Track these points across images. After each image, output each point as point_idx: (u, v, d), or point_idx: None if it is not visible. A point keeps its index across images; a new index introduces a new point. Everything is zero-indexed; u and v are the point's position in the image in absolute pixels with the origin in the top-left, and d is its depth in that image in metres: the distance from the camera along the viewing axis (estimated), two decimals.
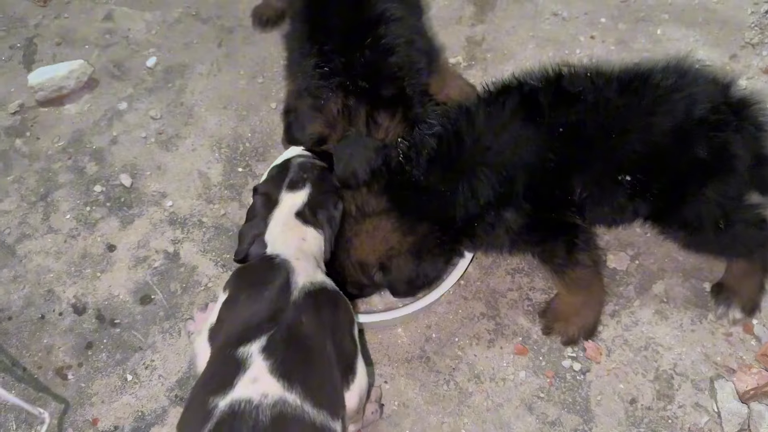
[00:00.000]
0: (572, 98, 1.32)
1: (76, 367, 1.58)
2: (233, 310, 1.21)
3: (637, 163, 1.30)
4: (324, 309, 1.22)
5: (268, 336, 1.12)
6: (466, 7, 2.26)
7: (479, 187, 1.32)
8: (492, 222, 1.35)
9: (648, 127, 1.29)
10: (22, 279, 1.72)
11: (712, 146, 1.28)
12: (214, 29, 2.24)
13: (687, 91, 1.31)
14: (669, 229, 1.45)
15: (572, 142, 1.30)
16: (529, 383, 1.52)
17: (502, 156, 1.32)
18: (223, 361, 1.13)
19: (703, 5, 2.20)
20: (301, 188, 1.41)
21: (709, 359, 1.53)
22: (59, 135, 2.00)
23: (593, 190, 1.32)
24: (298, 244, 1.33)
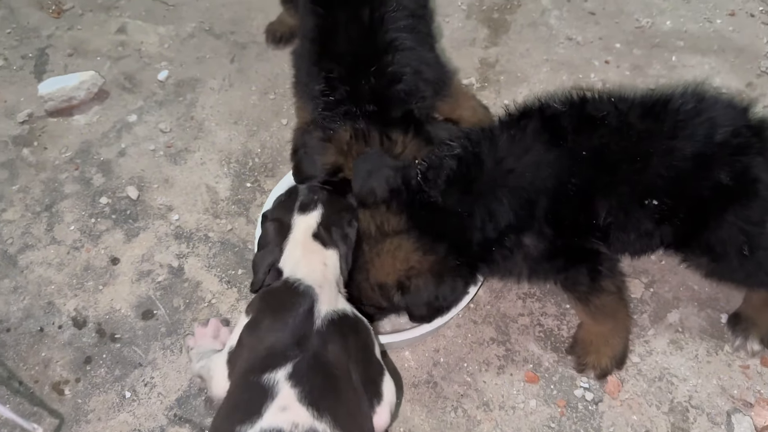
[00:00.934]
0: (595, 122, 1.30)
1: (73, 383, 1.54)
2: (255, 335, 1.19)
3: (662, 188, 1.27)
4: (348, 337, 1.21)
5: (294, 363, 1.11)
6: (480, 29, 2.25)
7: (498, 210, 1.29)
8: (510, 247, 1.31)
9: (670, 152, 1.27)
10: (23, 290, 1.69)
11: (734, 170, 1.26)
12: (227, 44, 2.24)
13: (706, 115, 1.30)
14: (692, 256, 1.41)
15: (596, 166, 1.28)
16: (540, 412, 1.47)
17: (523, 179, 1.29)
18: (248, 388, 1.11)
19: (718, 33, 2.18)
20: (312, 209, 1.39)
21: (726, 392, 1.48)
22: (67, 145, 1.98)
23: (618, 214, 1.29)
24: (322, 270, 1.30)
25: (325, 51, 1.56)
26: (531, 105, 1.37)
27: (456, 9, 2.31)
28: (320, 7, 1.58)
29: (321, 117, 1.52)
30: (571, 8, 2.29)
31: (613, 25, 2.23)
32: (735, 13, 2.24)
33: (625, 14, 2.26)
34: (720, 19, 2.23)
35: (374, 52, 1.52)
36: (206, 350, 1.47)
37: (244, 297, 1.66)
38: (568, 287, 1.42)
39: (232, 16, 2.32)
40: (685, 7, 2.28)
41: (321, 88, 1.53)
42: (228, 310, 1.64)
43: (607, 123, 1.30)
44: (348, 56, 1.52)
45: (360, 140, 1.47)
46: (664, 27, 2.22)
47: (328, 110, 1.52)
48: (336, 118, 1.50)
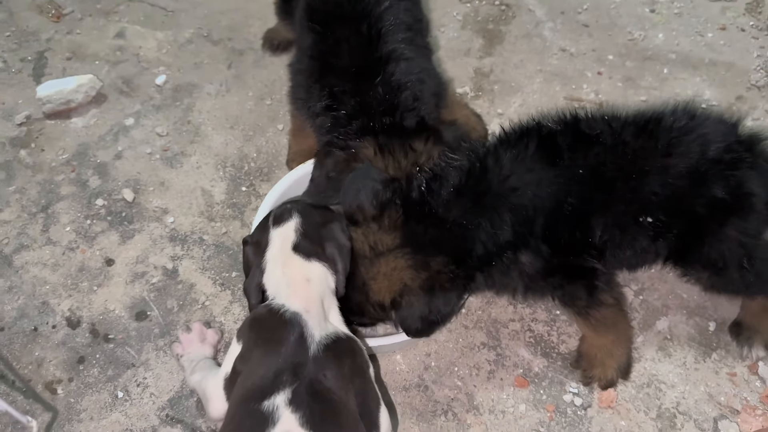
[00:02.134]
0: (590, 141, 1.32)
1: (66, 382, 1.55)
2: (248, 365, 1.18)
3: (657, 205, 1.29)
4: (344, 361, 1.19)
5: (293, 389, 1.11)
6: (476, 39, 2.28)
7: (500, 225, 1.29)
8: (507, 263, 1.32)
9: (665, 169, 1.29)
10: (17, 290, 1.70)
11: (729, 185, 1.28)
12: (225, 51, 2.26)
13: (698, 132, 1.32)
14: (692, 271, 1.43)
15: (592, 185, 1.30)
16: (529, 417, 1.48)
17: (525, 197, 1.30)
18: (247, 416, 1.11)
19: (709, 47, 2.22)
20: (287, 220, 1.33)
21: (713, 399, 1.50)
22: (64, 148, 1.99)
23: (614, 232, 1.31)
24: (305, 289, 1.26)
25: (327, 67, 1.57)
26: (528, 123, 1.38)
27: (451, 19, 2.34)
28: (318, 24, 1.60)
29: (336, 136, 1.52)
30: (565, 20, 2.32)
31: (606, 37, 2.27)
32: (726, 27, 2.28)
33: (618, 27, 2.30)
34: (711, 33, 2.27)
35: (376, 64, 1.53)
36: (197, 357, 1.48)
37: (237, 299, 1.67)
38: (566, 303, 1.43)
39: (229, 23, 2.34)
40: (677, 21, 2.31)
41: (326, 104, 1.53)
42: (221, 312, 1.65)
43: (601, 141, 1.32)
44: (351, 70, 1.54)
45: (386, 154, 1.47)
46: (656, 40, 2.25)
47: (340, 126, 1.52)
48: (351, 134, 1.49)
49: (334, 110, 1.53)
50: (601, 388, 1.52)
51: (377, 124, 1.49)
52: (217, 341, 1.57)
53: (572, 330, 1.61)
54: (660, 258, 1.41)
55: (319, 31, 1.59)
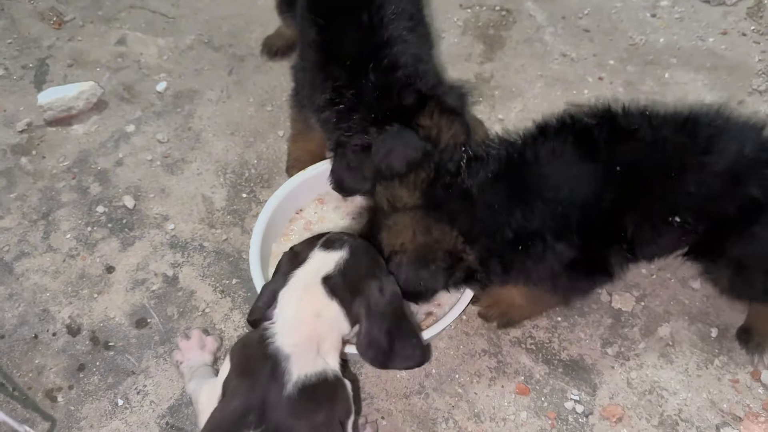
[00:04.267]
0: (629, 136, 1.31)
1: (66, 390, 1.55)
2: (228, 392, 1.12)
3: (690, 204, 1.29)
4: (320, 408, 1.09)
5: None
6: (476, 45, 2.28)
7: (533, 217, 1.28)
8: (542, 253, 1.30)
9: (702, 166, 1.28)
10: (18, 297, 1.70)
11: (764, 184, 1.27)
12: (226, 57, 2.26)
13: (734, 132, 1.32)
14: (714, 268, 1.43)
15: (629, 182, 1.28)
16: (531, 424, 1.48)
17: (560, 193, 1.29)
18: None
19: (711, 51, 2.21)
20: (336, 249, 1.24)
21: (715, 406, 1.49)
22: (65, 155, 2.00)
23: (644, 228, 1.31)
24: (308, 325, 1.16)
25: (329, 59, 1.56)
26: (563, 118, 1.37)
27: (452, 25, 2.34)
28: (320, 17, 1.59)
29: (343, 133, 1.50)
30: (565, 25, 2.32)
31: (607, 42, 2.26)
32: (727, 31, 2.27)
33: (619, 32, 2.29)
34: (713, 37, 2.26)
35: (373, 49, 1.52)
36: (196, 363, 1.48)
37: (237, 306, 1.67)
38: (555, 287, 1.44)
39: (230, 29, 2.35)
40: (679, 25, 2.31)
41: (329, 97, 1.52)
42: (222, 319, 1.65)
43: (640, 136, 1.30)
44: (350, 61, 1.52)
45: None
46: (658, 44, 2.25)
47: (344, 122, 1.50)
48: (355, 128, 1.48)
49: (335, 104, 1.51)
50: (478, 314, 1.62)
51: (377, 113, 1.46)
52: (217, 348, 1.56)
53: (574, 337, 1.60)
54: (680, 249, 1.41)
55: (321, 24, 1.59)
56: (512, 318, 1.59)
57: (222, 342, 1.59)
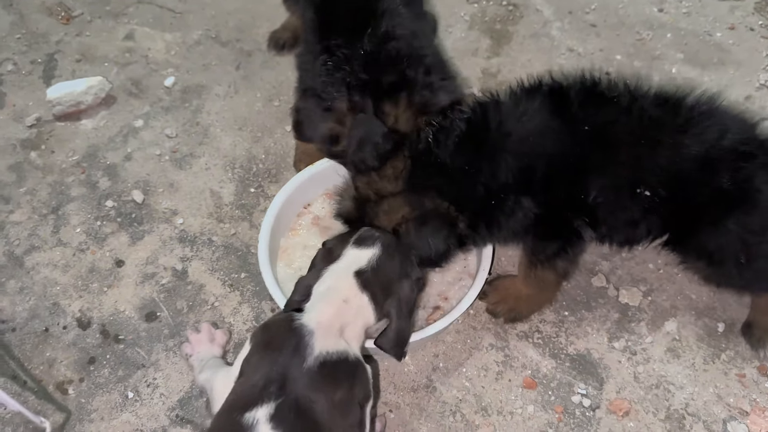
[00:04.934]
0: (605, 100, 1.32)
1: (77, 382, 1.56)
2: (248, 368, 1.15)
3: (659, 179, 1.28)
4: (340, 386, 1.11)
5: (277, 403, 1.05)
6: (483, 40, 2.28)
7: (500, 170, 1.31)
8: (512, 207, 1.34)
9: (677, 146, 1.28)
10: (29, 291, 1.71)
11: (737, 177, 1.27)
12: (233, 52, 2.27)
13: (719, 120, 1.32)
14: (689, 258, 1.43)
15: (597, 143, 1.30)
16: (538, 418, 1.49)
17: (524, 144, 1.32)
18: (229, 426, 1.07)
19: (718, 46, 2.21)
20: (368, 246, 1.29)
21: (722, 400, 1.50)
22: (74, 149, 2.01)
23: (609, 196, 1.31)
24: (335, 308, 1.21)
25: (326, 29, 1.58)
26: (542, 78, 1.39)
27: (458, 20, 2.34)
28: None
29: (320, 83, 1.53)
30: (572, 20, 2.32)
31: (614, 37, 2.26)
32: (735, 26, 2.27)
33: (626, 27, 2.29)
34: (720, 32, 2.26)
35: (370, 17, 1.53)
36: (207, 356, 1.49)
37: (246, 300, 1.68)
38: (530, 250, 1.48)
39: (237, 24, 2.35)
40: (686, 20, 2.30)
41: (324, 58, 1.54)
42: (231, 313, 1.66)
43: (617, 102, 1.31)
44: (346, 26, 1.55)
45: (357, 112, 1.47)
46: (665, 39, 2.24)
47: (327, 76, 1.52)
48: (334, 85, 1.50)
49: (326, 63, 1.53)
50: (486, 310, 1.63)
51: (354, 79, 1.47)
52: (226, 342, 1.57)
53: (581, 331, 1.61)
54: (653, 237, 1.41)
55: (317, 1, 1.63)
56: (520, 312, 1.60)
57: (231, 336, 1.61)
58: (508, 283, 1.62)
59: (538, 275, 1.49)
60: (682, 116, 1.30)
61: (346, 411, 1.11)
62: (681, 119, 1.30)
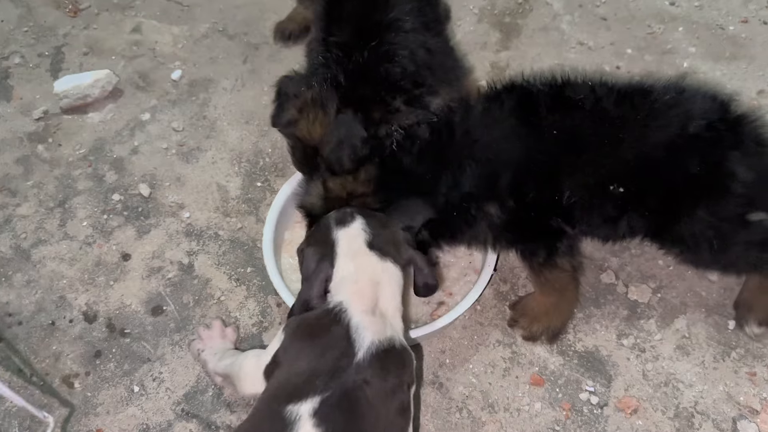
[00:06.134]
0: (571, 105, 1.33)
1: (83, 376, 1.56)
2: (289, 357, 1.12)
3: (629, 175, 1.29)
4: (390, 375, 1.09)
5: (322, 398, 1.02)
6: (492, 33, 2.26)
7: (462, 178, 1.32)
8: (474, 215, 1.35)
9: (641, 140, 1.29)
10: (35, 284, 1.71)
11: (706, 163, 1.27)
12: (240, 45, 2.26)
13: (683, 107, 1.31)
14: (665, 245, 1.45)
15: (564, 145, 1.31)
16: (545, 415, 1.47)
17: (489, 150, 1.33)
18: (268, 416, 1.04)
19: (730, 40, 2.18)
20: (352, 220, 1.28)
21: (732, 399, 1.48)
22: (81, 143, 2.01)
23: (583, 194, 1.32)
24: (372, 291, 1.19)
25: (332, 21, 1.59)
26: (513, 81, 1.40)
27: (467, 13, 2.32)
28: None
29: (305, 72, 1.55)
30: (582, 13, 2.29)
31: (625, 30, 2.23)
32: (748, 20, 2.24)
33: (636, 20, 2.26)
34: (732, 26, 2.23)
35: (375, 28, 1.53)
36: (221, 349, 1.49)
37: (252, 295, 1.68)
38: (525, 258, 1.47)
39: (245, 17, 2.34)
40: (698, 13, 2.27)
41: (322, 49, 1.55)
42: (236, 307, 1.66)
43: (581, 105, 1.32)
44: (349, 28, 1.55)
45: (317, 106, 1.46)
46: (676, 33, 2.22)
47: (314, 68, 1.54)
48: (314, 77, 1.50)
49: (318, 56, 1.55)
50: (522, 337, 1.57)
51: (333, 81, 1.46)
52: (236, 339, 1.57)
53: (589, 328, 1.60)
54: (636, 233, 1.41)
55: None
56: (556, 325, 1.55)
57: (239, 332, 1.60)
58: (531, 302, 1.58)
59: (549, 278, 1.47)
60: (644, 111, 1.30)
61: (394, 398, 1.09)
62: (642, 114, 1.30)
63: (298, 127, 1.48)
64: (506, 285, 1.67)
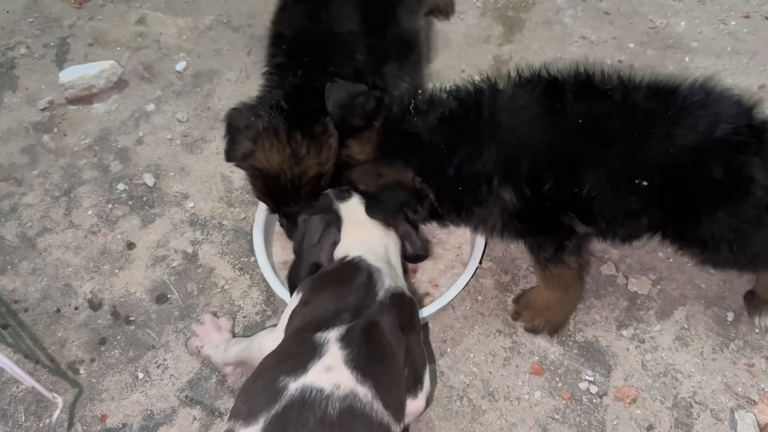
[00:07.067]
0: (598, 94, 1.32)
1: (88, 363, 1.58)
2: (312, 304, 1.22)
3: (654, 170, 1.28)
4: (403, 315, 1.24)
5: (348, 326, 1.13)
6: (495, 26, 2.27)
7: (478, 156, 1.32)
8: (486, 196, 1.34)
9: (669, 137, 1.27)
10: (41, 272, 1.73)
11: (729, 167, 1.26)
12: (245, 37, 2.27)
13: (711, 109, 1.30)
14: (684, 247, 1.43)
15: (590, 136, 1.30)
16: (545, 404, 1.49)
17: (512, 135, 1.32)
18: (298, 342, 1.14)
19: (732, 35, 2.19)
20: (349, 197, 1.42)
21: (730, 389, 1.50)
22: (86, 133, 2.02)
23: (605, 188, 1.30)
24: (384, 251, 1.35)
25: (277, 31, 1.61)
26: (539, 71, 1.39)
27: (471, 6, 2.33)
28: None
29: (255, 101, 1.54)
30: (585, 7, 2.30)
31: (628, 25, 2.24)
32: (750, 15, 2.25)
33: (639, 15, 2.27)
34: (734, 21, 2.24)
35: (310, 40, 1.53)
36: (221, 341, 1.50)
37: (256, 284, 1.69)
38: (532, 250, 1.48)
39: (249, 10, 2.35)
40: (700, 8, 2.28)
41: (265, 75, 1.57)
42: (240, 296, 1.67)
43: (610, 95, 1.31)
44: (287, 43, 1.55)
45: (270, 134, 1.44)
46: (679, 28, 2.23)
47: (261, 95, 1.54)
48: (262, 106, 1.49)
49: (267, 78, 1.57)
50: (525, 329, 1.59)
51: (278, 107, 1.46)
52: (231, 327, 1.59)
53: (589, 319, 1.61)
54: (652, 231, 1.40)
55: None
56: (558, 319, 1.57)
57: (235, 320, 1.62)
58: (534, 295, 1.60)
59: (554, 274, 1.48)
60: (674, 107, 1.30)
61: (409, 333, 1.23)
62: (673, 110, 1.29)
63: (256, 158, 1.46)
64: (507, 276, 1.69)
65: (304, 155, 1.43)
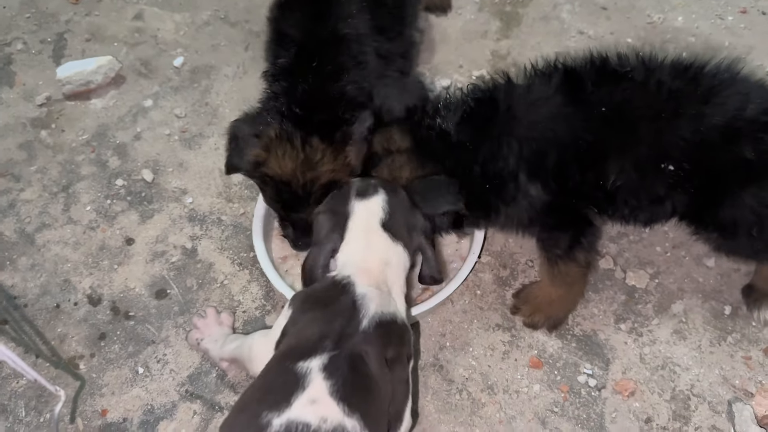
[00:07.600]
0: (619, 77, 1.29)
1: (88, 358, 1.58)
2: (299, 326, 1.17)
3: (683, 152, 1.25)
4: (391, 345, 1.15)
5: (331, 356, 1.07)
6: (492, 22, 2.27)
7: (501, 154, 1.31)
8: (514, 194, 1.33)
9: (700, 117, 1.24)
10: (40, 268, 1.73)
11: (759, 148, 1.24)
12: (242, 33, 2.27)
13: (739, 88, 1.28)
14: (703, 230, 1.41)
15: (614, 124, 1.27)
16: (543, 397, 1.50)
17: (534, 129, 1.30)
18: (280, 372, 1.08)
19: (729, 30, 2.20)
20: (373, 194, 1.30)
21: (728, 382, 1.51)
22: (84, 128, 2.02)
23: (631, 176, 1.28)
24: (379, 271, 1.23)
25: (279, 35, 1.58)
26: (554, 61, 1.37)
27: (468, 1, 2.33)
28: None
29: (259, 109, 1.51)
30: (583, 3, 2.31)
31: (625, 20, 2.25)
32: (747, 10, 2.25)
33: (636, 10, 2.28)
34: (731, 16, 2.24)
35: (319, 43, 1.50)
36: (220, 335, 1.51)
37: (255, 279, 1.70)
38: (546, 247, 1.46)
39: (246, 5, 2.35)
40: (697, 3, 2.29)
41: (269, 82, 1.54)
42: (240, 291, 1.68)
43: (631, 77, 1.28)
44: (294, 46, 1.52)
45: (284, 140, 1.42)
46: (676, 23, 2.23)
47: (266, 101, 1.52)
48: (269, 113, 1.47)
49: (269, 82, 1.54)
50: (524, 324, 1.59)
51: (288, 112, 1.44)
52: (232, 323, 1.59)
53: (587, 312, 1.62)
54: (677, 212, 1.38)
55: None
56: (558, 316, 1.57)
57: (235, 316, 1.62)
58: (536, 290, 1.59)
59: (562, 271, 1.47)
60: (704, 86, 1.26)
61: (395, 367, 1.15)
62: (703, 89, 1.26)
63: (269, 165, 1.43)
64: (506, 270, 1.69)
65: (318, 161, 1.41)
